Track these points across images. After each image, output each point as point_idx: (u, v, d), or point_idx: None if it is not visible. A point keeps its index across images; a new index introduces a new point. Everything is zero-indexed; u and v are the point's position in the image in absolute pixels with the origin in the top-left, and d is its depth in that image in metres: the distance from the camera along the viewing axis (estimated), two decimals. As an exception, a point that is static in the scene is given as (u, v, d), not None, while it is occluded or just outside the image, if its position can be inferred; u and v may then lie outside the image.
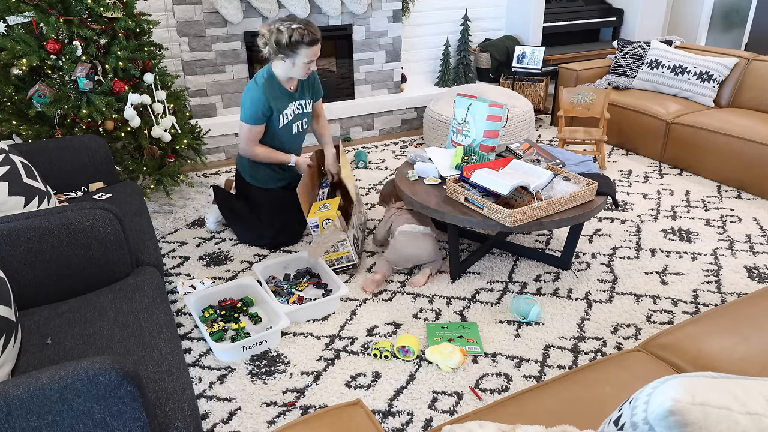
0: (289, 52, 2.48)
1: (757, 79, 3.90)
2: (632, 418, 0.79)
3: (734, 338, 1.54)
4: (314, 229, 2.61)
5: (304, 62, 2.52)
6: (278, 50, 2.49)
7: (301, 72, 2.57)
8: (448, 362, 2.05)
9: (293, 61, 2.52)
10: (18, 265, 1.77)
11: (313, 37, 2.47)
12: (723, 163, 3.57)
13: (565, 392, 1.39)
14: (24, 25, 2.79)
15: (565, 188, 2.41)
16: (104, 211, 1.88)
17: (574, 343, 2.21)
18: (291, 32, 2.43)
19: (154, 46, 3.21)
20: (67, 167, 2.58)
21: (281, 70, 2.62)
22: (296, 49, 2.47)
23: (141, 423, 1.23)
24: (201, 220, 3.23)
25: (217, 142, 4.07)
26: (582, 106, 3.83)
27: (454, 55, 5.23)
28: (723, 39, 5.98)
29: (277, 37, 2.46)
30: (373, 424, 1.27)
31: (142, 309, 1.76)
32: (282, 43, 2.46)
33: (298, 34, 2.43)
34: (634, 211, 3.29)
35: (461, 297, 2.50)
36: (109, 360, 1.20)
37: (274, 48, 2.50)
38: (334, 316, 2.38)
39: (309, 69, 2.57)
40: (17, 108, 2.87)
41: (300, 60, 2.51)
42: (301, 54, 2.48)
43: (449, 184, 2.47)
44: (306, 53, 2.48)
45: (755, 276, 2.64)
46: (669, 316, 2.37)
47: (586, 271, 2.69)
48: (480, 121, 2.74)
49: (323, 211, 2.58)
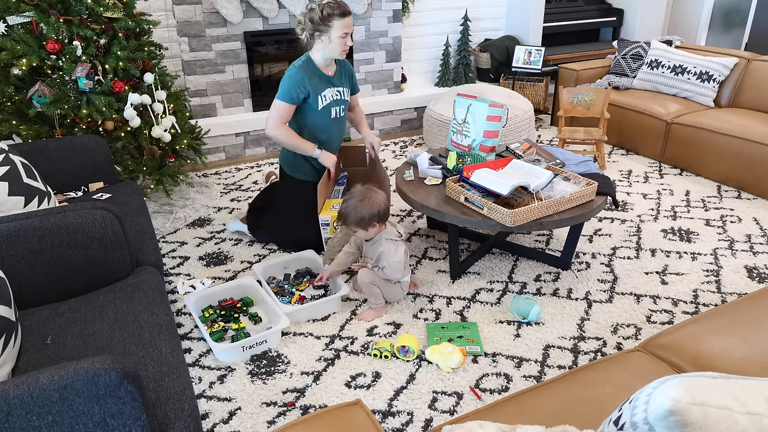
0: (323, 27, 2.58)
1: (757, 79, 3.90)
2: (632, 418, 0.79)
3: (734, 338, 1.54)
4: (324, 227, 2.61)
5: (338, 35, 2.59)
6: (313, 28, 2.60)
7: (338, 48, 2.63)
8: (448, 362, 2.05)
9: (329, 36, 2.60)
10: (18, 265, 1.77)
11: (344, 9, 2.59)
12: (723, 163, 3.57)
13: (565, 392, 1.39)
14: (24, 25, 2.79)
15: (565, 188, 2.41)
16: (104, 211, 1.88)
17: (574, 343, 2.21)
18: (322, 7, 2.56)
19: (154, 46, 3.21)
20: (67, 167, 2.58)
21: (319, 53, 2.68)
22: (329, 22, 2.57)
23: (141, 423, 1.23)
24: (201, 220, 3.24)
25: (217, 142, 4.07)
26: (582, 106, 3.83)
27: (454, 55, 5.23)
28: (723, 39, 5.98)
29: (311, 15, 2.59)
30: (373, 424, 1.27)
31: (142, 309, 1.76)
32: (315, 19, 2.58)
33: (329, 7, 2.56)
34: (634, 211, 3.29)
35: (461, 297, 2.50)
36: (109, 360, 1.19)
37: (309, 27, 2.61)
38: (334, 316, 2.38)
39: (345, 44, 2.64)
40: (17, 108, 2.87)
41: (335, 33, 2.59)
42: (335, 26, 2.57)
43: (449, 184, 2.47)
44: (339, 25, 2.57)
45: (755, 276, 2.64)
46: (669, 316, 2.37)
47: (586, 271, 2.69)
48: (480, 121, 2.74)
49: (335, 210, 2.58)
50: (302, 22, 2.64)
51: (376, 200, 2.27)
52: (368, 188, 2.33)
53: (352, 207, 2.27)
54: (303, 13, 2.64)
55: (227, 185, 3.72)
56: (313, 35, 2.63)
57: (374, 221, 2.28)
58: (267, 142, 4.25)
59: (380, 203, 2.27)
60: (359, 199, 2.27)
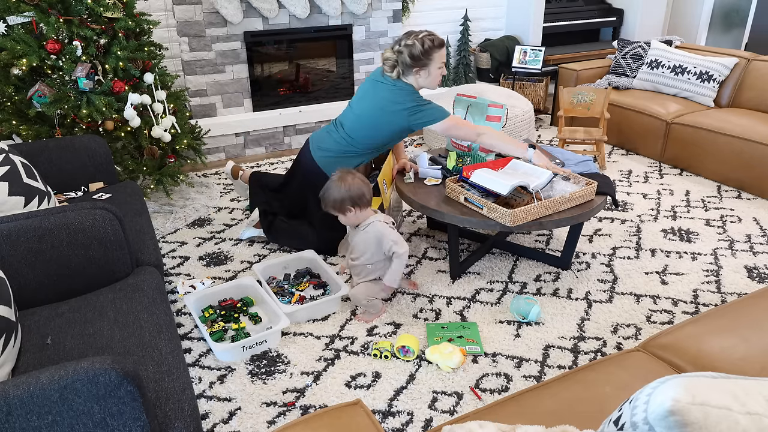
0: (426, 60, 2.52)
1: (757, 79, 3.90)
2: (632, 418, 0.79)
3: (734, 338, 1.54)
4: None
5: (438, 67, 2.56)
6: (413, 64, 2.52)
7: (436, 79, 2.59)
8: (448, 362, 2.05)
9: (428, 70, 2.54)
10: (18, 265, 1.77)
11: (440, 39, 2.54)
12: (723, 163, 3.57)
13: (565, 392, 1.39)
14: (24, 25, 2.79)
15: (565, 188, 2.41)
16: (104, 211, 1.88)
17: (574, 343, 2.21)
18: (422, 41, 2.50)
19: (154, 46, 3.21)
20: (67, 167, 2.58)
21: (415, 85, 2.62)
22: (431, 55, 2.51)
23: (141, 423, 1.23)
24: (201, 220, 3.24)
25: (217, 142, 4.07)
26: (582, 106, 3.83)
27: (454, 55, 5.23)
28: (723, 39, 5.98)
29: (411, 51, 2.50)
30: (373, 424, 1.27)
31: (142, 309, 1.76)
32: (416, 54, 2.50)
33: (429, 40, 2.50)
34: (634, 211, 3.29)
35: (461, 297, 2.50)
36: (109, 360, 1.19)
37: (408, 63, 2.52)
38: (334, 316, 2.38)
39: (440, 75, 2.60)
40: (17, 108, 2.87)
41: (434, 65, 2.54)
42: (435, 59, 2.53)
43: (449, 184, 2.47)
44: (439, 56, 2.54)
45: (755, 276, 2.64)
46: (669, 316, 2.37)
47: (586, 271, 2.69)
48: (479, 121, 2.74)
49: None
50: (392, 60, 2.55)
51: (351, 183, 2.24)
52: (347, 171, 2.31)
53: (326, 188, 2.28)
54: (393, 50, 2.55)
55: (227, 185, 3.72)
56: (407, 72, 2.55)
57: (348, 204, 2.25)
58: (267, 143, 4.25)
59: (355, 186, 2.24)
60: (334, 180, 2.27)
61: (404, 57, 2.51)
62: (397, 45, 2.55)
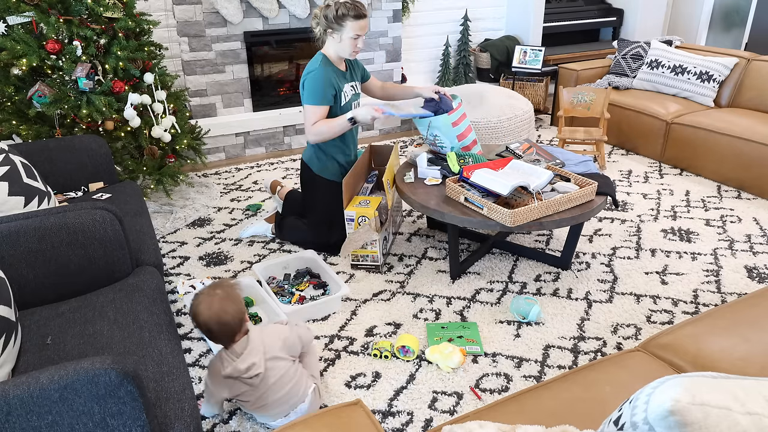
0: (337, 26, 2.57)
1: (757, 79, 3.90)
2: (632, 418, 0.79)
3: (734, 338, 1.54)
4: (349, 222, 2.60)
5: (350, 36, 2.58)
6: (327, 25, 2.59)
7: (348, 48, 2.62)
8: (448, 362, 2.05)
9: (341, 35, 2.59)
10: (18, 265, 1.77)
11: (359, 11, 2.56)
12: (723, 163, 3.57)
13: (565, 392, 1.39)
14: (24, 25, 2.79)
15: (566, 188, 2.41)
16: (104, 211, 1.88)
17: (574, 343, 2.21)
18: (338, 6, 2.55)
19: (154, 46, 3.21)
20: (67, 167, 2.58)
21: (332, 49, 2.67)
22: (343, 22, 2.56)
23: (141, 423, 1.23)
24: (201, 220, 3.24)
25: (217, 142, 4.07)
26: (582, 106, 3.83)
27: (454, 55, 5.23)
28: (723, 39, 5.98)
29: (326, 12, 2.58)
30: (373, 424, 1.27)
31: (142, 309, 1.76)
32: (330, 17, 2.57)
33: (345, 7, 2.55)
34: (634, 211, 3.29)
35: (461, 297, 2.50)
36: (109, 360, 1.19)
37: (323, 23, 2.60)
38: (334, 316, 2.38)
39: (356, 46, 2.62)
40: (17, 108, 2.87)
41: (346, 34, 2.57)
42: (348, 27, 2.56)
43: (449, 184, 2.47)
44: (352, 26, 2.56)
45: (755, 276, 2.64)
46: (669, 316, 2.37)
47: (586, 271, 2.69)
48: (447, 131, 2.71)
49: (362, 207, 2.57)
50: (318, 17, 2.63)
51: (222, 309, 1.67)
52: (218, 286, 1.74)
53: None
54: (320, 7, 2.62)
55: (227, 185, 3.72)
56: (326, 32, 2.62)
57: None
58: (267, 143, 4.25)
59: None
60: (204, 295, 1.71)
61: (322, 17, 2.60)
62: (323, 4, 2.62)
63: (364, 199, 2.66)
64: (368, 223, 2.53)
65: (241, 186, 3.71)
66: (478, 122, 3.90)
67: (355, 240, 2.55)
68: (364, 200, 2.64)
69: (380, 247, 2.62)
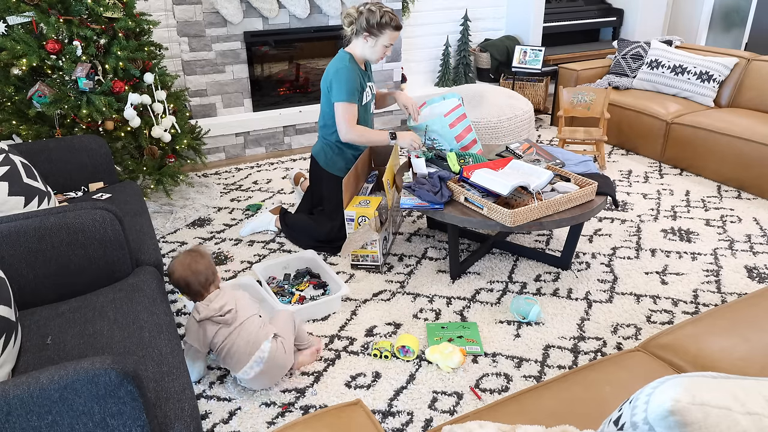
0: (376, 31, 2.61)
1: (757, 79, 3.90)
2: (632, 418, 0.79)
3: (734, 338, 1.54)
4: (349, 222, 2.61)
5: (384, 44, 2.65)
6: (366, 28, 2.62)
7: (378, 54, 2.68)
8: (448, 362, 2.05)
9: (376, 41, 2.63)
10: (18, 265, 1.77)
11: (398, 23, 2.64)
12: (723, 163, 3.57)
13: (565, 392, 1.39)
14: (24, 25, 2.79)
15: (567, 188, 2.41)
16: (104, 211, 1.88)
17: (574, 343, 2.21)
18: (383, 14, 2.60)
19: (154, 46, 3.21)
20: (67, 167, 2.58)
21: (359, 50, 2.70)
22: (383, 30, 2.61)
23: (141, 423, 1.23)
24: (201, 220, 3.24)
25: (217, 142, 4.07)
26: (582, 106, 3.83)
27: (454, 55, 5.23)
28: (723, 39, 5.98)
29: (368, 16, 2.61)
30: (373, 424, 1.27)
31: (142, 309, 1.76)
32: (372, 22, 2.60)
33: (389, 17, 2.60)
34: (634, 211, 3.29)
35: (461, 297, 2.50)
36: (109, 360, 1.19)
37: (363, 26, 2.62)
38: (334, 316, 2.38)
39: (384, 53, 2.69)
40: (17, 108, 2.87)
41: (381, 42, 2.63)
42: (386, 35, 2.62)
43: (449, 184, 2.47)
44: (390, 36, 2.63)
45: (755, 276, 2.64)
46: (669, 316, 2.37)
47: (586, 271, 2.69)
48: (446, 132, 2.71)
49: (362, 207, 2.57)
50: (353, 16, 2.64)
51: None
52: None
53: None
54: (358, 9, 2.64)
55: (227, 185, 3.72)
56: (359, 33, 2.64)
57: None
58: (267, 143, 4.25)
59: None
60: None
61: (362, 19, 2.61)
62: (362, 6, 2.65)
63: (364, 199, 2.66)
64: (368, 223, 2.53)
65: (241, 186, 3.71)
66: (478, 122, 3.90)
67: (355, 240, 2.55)
68: (364, 200, 2.64)
69: (380, 247, 2.62)
